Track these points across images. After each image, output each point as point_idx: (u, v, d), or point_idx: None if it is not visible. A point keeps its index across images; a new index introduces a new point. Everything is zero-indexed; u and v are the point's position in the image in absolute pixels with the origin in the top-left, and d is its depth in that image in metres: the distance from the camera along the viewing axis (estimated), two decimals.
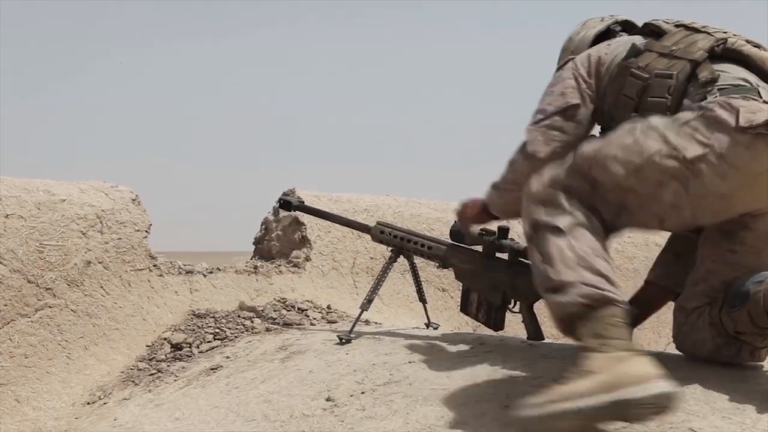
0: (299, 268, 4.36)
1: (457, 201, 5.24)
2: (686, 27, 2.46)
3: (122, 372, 3.42)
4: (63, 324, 3.46)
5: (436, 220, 4.85)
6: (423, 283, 3.61)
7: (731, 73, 2.32)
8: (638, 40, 2.51)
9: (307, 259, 4.41)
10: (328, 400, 2.62)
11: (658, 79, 2.34)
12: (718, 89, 2.24)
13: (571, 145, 2.42)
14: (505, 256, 3.05)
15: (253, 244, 4.70)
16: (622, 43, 2.54)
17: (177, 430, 2.72)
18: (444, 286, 4.83)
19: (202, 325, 3.69)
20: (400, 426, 2.34)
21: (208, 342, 3.56)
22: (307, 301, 4.10)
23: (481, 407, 2.37)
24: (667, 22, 2.53)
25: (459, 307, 3.31)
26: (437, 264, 3.31)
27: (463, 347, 2.95)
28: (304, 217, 4.42)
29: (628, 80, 2.40)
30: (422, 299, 3.60)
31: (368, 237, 3.52)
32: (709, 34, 2.40)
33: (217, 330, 3.64)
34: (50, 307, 3.45)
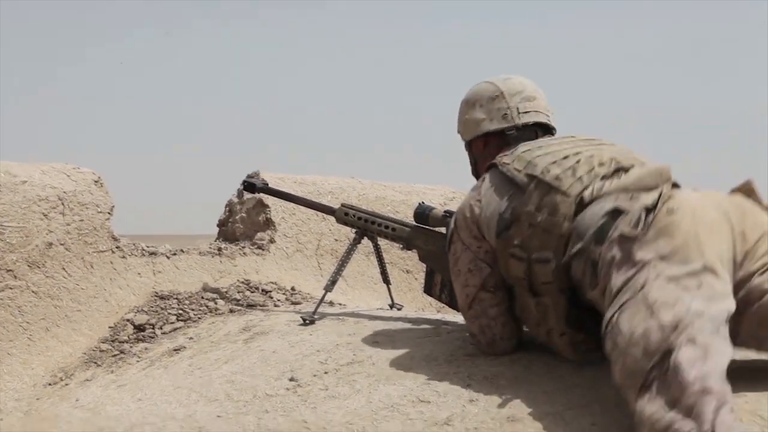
0: (263, 250, 4.35)
1: (422, 184, 5.27)
2: (539, 180, 2.31)
3: (84, 353, 3.40)
4: (24, 306, 3.43)
5: (401, 203, 4.85)
6: (387, 264, 3.63)
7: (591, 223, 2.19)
8: (503, 205, 2.37)
9: (272, 241, 4.40)
10: (291, 380, 2.63)
11: (538, 264, 2.27)
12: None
13: (507, 299, 2.48)
14: None
15: (217, 226, 4.67)
16: (491, 200, 2.42)
17: (139, 410, 2.71)
18: (408, 267, 4.84)
19: (166, 307, 3.67)
20: (363, 405, 2.36)
21: (172, 323, 3.55)
22: (272, 282, 4.10)
23: (444, 386, 2.39)
24: (518, 171, 2.37)
25: (423, 289, 3.34)
26: (401, 246, 3.33)
27: (426, 327, 2.98)
28: (269, 200, 4.41)
29: (510, 261, 2.35)
30: (386, 280, 3.61)
31: (333, 219, 3.53)
32: (565, 195, 2.25)
33: (180, 311, 3.63)
34: (11, 288, 3.42)
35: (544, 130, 2.66)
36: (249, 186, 3.74)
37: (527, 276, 2.31)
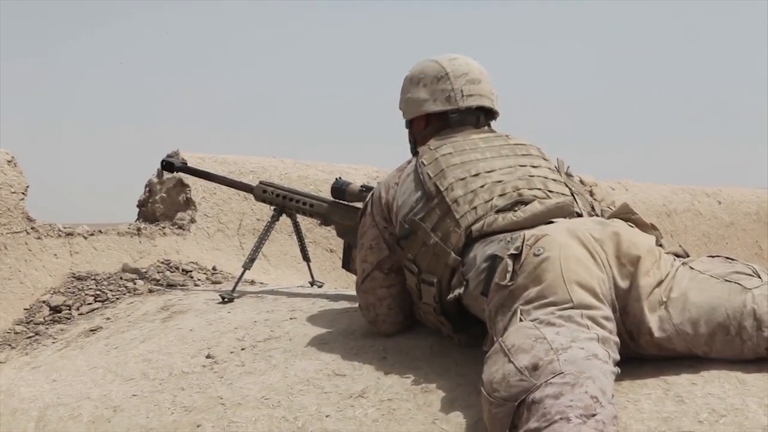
0: (184, 230, 4.32)
1: (345, 163, 5.27)
2: (442, 198, 2.31)
3: None
4: None
5: (324, 182, 4.85)
6: (311, 244, 3.64)
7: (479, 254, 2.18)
8: (409, 203, 2.38)
9: (192, 220, 4.37)
10: (208, 357, 2.62)
11: (425, 286, 2.30)
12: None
13: (399, 284, 2.48)
14: None
15: (137, 206, 4.62)
16: (405, 190, 2.42)
17: (53, 391, 2.68)
18: (332, 246, 4.85)
19: (83, 288, 3.62)
20: (279, 380, 2.36)
21: (89, 304, 3.50)
22: (192, 262, 4.07)
23: (359, 359, 2.41)
24: (430, 177, 2.36)
25: (341, 264, 3.35)
26: (319, 221, 3.34)
27: (344, 303, 2.99)
28: (189, 179, 4.37)
29: (405, 270, 2.39)
30: (306, 257, 3.62)
31: (254, 198, 3.52)
32: (457, 225, 2.25)
33: (98, 292, 3.59)
34: None
35: (486, 113, 2.63)
36: (168, 165, 3.71)
37: (418, 290, 2.35)
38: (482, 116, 2.60)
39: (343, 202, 3.19)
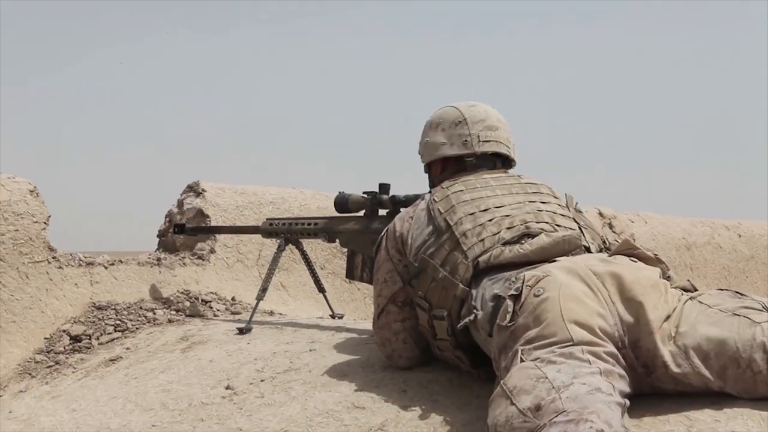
0: (204, 260, 4.34)
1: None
2: (452, 233, 2.33)
3: (19, 365, 3.35)
4: None
5: None
6: (329, 275, 3.67)
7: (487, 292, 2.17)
8: (421, 239, 2.41)
9: (212, 251, 4.39)
10: (227, 388, 2.62)
11: (437, 321, 2.32)
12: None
13: (414, 318, 2.49)
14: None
15: (157, 236, 4.65)
16: (419, 224, 2.45)
17: (73, 420, 2.68)
18: None
19: (103, 317, 3.64)
20: (299, 412, 2.36)
21: (109, 334, 3.52)
22: (212, 293, 4.09)
23: (379, 392, 2.40)
24: (440, 213, 2.40)
25: (345, 274, 3.39)
26: (324, 237, 3.36)
27: (363, 336, 2.99)
28: (209, 209, 4.40)
29: (417, 309, 2.41)
30: (320, 289, 3.65)
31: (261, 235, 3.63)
32: (465, 257, 2.27)
33: (118, 322, 3.60)
34: None
35: (503, 160, 2.66)
36: (179, 228, 3.95)
37: (431, 327, 2.36)
38: (498, 163, 2.64)
39: (347, 214, 3.24)
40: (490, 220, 2.32)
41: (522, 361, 1.84)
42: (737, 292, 2.05)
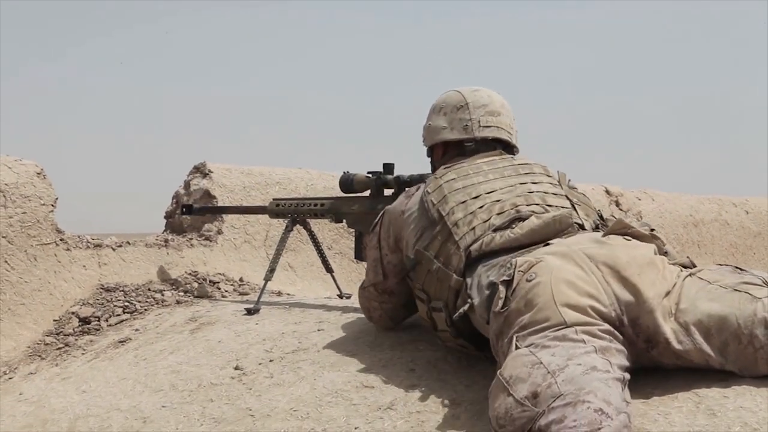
0: (211, 241, 4.34)
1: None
2: (444, 224, 2.32)
3: (28, 347, 3.37)
4: None
5: None
6: (337, 255, 3.69)
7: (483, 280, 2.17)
8: (416, 233, 2.41)
9: (219, 232, 4.39)
10: (236, 368, 2.63)
11: (436, 313, 2.31)
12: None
13: (391, 302, 2.65)
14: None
15: (165, 218, 4.65)
16: (414, 216, 2.45)
17: (83, 402, 2.70)
18: None
19: (111, 299, 3.66)
20: (308, 392, 2.37)
21: (118, 315, 3.53)
22: (219, 273, 4.10)
23: (387, 372, 2.41)
24: (433, 204, 2.38)
25: (354, 255, 3.41)
26: (331, 218, 3.38)
27: None
28: (216, 190, 4.41)
29: (417, 300, 2.42)
30: (328, 269, 3.66)
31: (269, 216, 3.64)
32: (457, 247, 2.26)
33: (126, 303, 3.62)
34: None
35: (504, 146, 2.64)
36: (187, 209, 3.95)
37: (430, 318, 2.36)
38: (499, 148, 2.62)
39: (352, 193, 3.25)
40: (481, 207, 2.31)
41: (517, 347, 1.84)
42: (737, 267, 2.04)
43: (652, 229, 2.20)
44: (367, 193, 3.24)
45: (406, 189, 2.71)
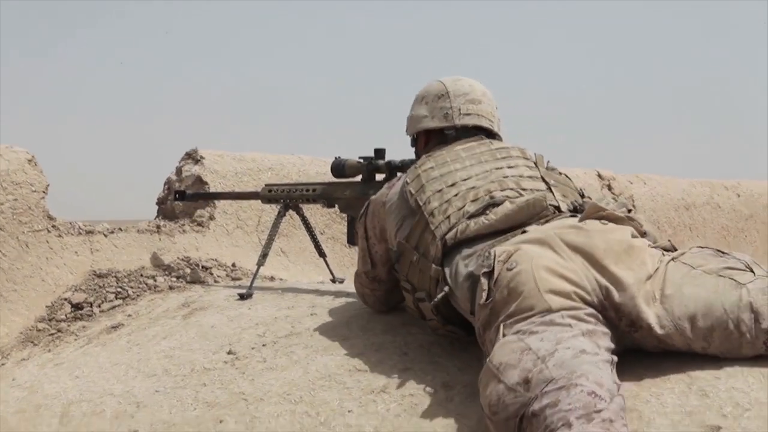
0: (203, 226, 4.33)
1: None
2: (422, 213, 2.33)
3: (21, 333, 3.36)
4: None
5: None
6: (329, 240, 3.68)
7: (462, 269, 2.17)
8: (396, 223, 2.42)
9: (211, 217, 4.38)
10: (229, 353, 2.64)
11: (421, 303, 2.31)
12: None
13: (381, 290, 2.69)
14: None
15: (156, 204, 4.64)
16: (395, 207, 2.45)
17: (76, 387, 2.70)
18: None
19: (104, 285, 3.65)
20: (301, 375, 2.37)
21: (110, 301, 3.53)
22: (212, 259, 4.09)
23: (380, 355, 2.42)
24: (411, 194, 2.39)
25: (346, 240, 3.42)
26: (323, 204, 3.38)
27: None
28: (207, 176, 4.39)
29: (403, 291, 2.43)
30: (321, 253, 3.66)
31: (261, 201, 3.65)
32: (433, 237, 2.26)
33: (119, 289, 3.61)
34: None
35: (486, 134, 2.64)
36: (180, 195, 3.93)
37: (417, 308, 2.36)
38: (482, 137, 2.62)
39: (344, 179, 3.26)
40: (456, 195, 2.31)
41: (504, 335, 1.85)
42: (718, 250, 2.05)
43: (629, 210, 2.20)
44: (358, 178, 3.24)
45: (393, 178, 2.73)
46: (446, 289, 2.15)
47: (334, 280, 3.70)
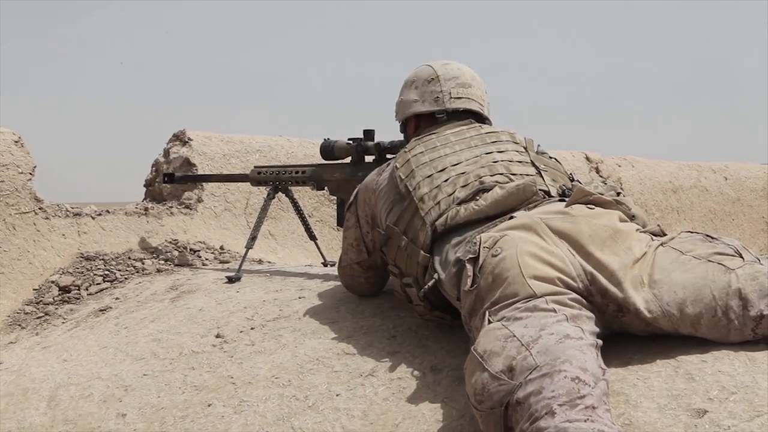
0: (191, 209, 4.32)
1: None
2: (411, 199, 2.32)
3: (8, 316, 3.36)
4: None
5: None
6: (319, 222, 3.68)
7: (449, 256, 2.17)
8: (386, 208, 2.42)
9: (199, 200, 4.37)
10: (217, 336, 2.63)
11: (409, 288, 2.31)
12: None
13: (377, 275, 2.69)
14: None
15: (144, 186, 4.62)
16: (385, 192, 2.45)
17: (64, 371, 2.70)
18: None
19: (91, 268, 3.64)
20: (289, 359, 2.38)
21: (98, 284, 3.52)
22: (200, 242, 4.09)
23: (369, 338, 2.42)
24: (401, 180, 2.39)
25: (336, 222, 3.42)
26: (313, 187, 3.37)
27: None
28: (195, 158, 4.38)
29: (390, 276, 2.44)
30: (311, 236, 3.65)
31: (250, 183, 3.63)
32: (423, 222, 2.25)
33: (106, 272, 3.60)
34: None
35: (476, 118, 2.64)
36: (169, 177, 3.91)
37: (404, 293, 2.36)
38: (472, 120, 2.61)
39: (333, 161, 3.25)
40: (446, 181, 2.31)
41: (489, 322, 1.84)
42: (707, 235, 2.04)
43: (618, 193, 2.20)
44: (348, 160, 3.23)
45: (383, 160, 2.71)
46: (435, 276, 2.15)
47: (325, 263, 3.69)
